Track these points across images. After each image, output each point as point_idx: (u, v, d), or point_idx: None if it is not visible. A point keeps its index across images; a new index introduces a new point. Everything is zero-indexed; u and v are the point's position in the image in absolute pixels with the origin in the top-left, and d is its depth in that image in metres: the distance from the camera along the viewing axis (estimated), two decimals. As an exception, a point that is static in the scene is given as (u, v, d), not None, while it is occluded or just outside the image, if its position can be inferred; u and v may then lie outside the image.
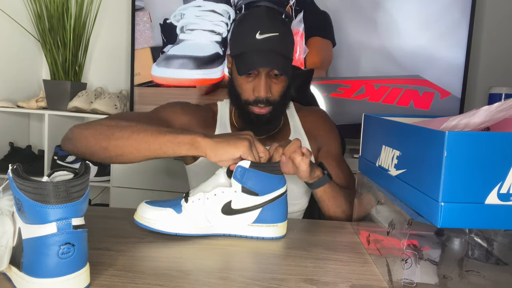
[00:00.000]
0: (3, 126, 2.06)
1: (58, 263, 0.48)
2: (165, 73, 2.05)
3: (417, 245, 0.59)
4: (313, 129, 1.11)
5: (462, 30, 1.87)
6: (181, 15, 2.03)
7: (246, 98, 0.98)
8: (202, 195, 0.72)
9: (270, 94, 0.96)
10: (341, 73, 1.96)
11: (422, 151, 0.53)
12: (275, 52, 0.93)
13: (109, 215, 0.84)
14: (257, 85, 0.95)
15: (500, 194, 0.48)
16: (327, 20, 1.94)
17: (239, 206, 0.72)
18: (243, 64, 0.95)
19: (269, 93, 0.96)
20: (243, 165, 0.71)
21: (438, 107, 1.90)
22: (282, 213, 0.75)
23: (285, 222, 0.76)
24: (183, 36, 2.04)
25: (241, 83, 0.98)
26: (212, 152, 0.72)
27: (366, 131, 0.79)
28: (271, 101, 0.97)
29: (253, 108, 0.98)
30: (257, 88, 0.95)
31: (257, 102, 0.96)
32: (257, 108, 0.97)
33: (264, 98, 0.95)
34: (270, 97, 0.96)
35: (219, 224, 0.73)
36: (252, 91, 0.96)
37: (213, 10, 2.00)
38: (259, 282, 0.57)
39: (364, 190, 0.77)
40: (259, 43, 0.92)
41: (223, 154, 0.72)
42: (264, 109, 0.97)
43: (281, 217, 0.75)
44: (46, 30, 1.99)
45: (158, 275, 0.57)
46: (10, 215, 0.51)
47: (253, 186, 0.71)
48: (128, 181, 1.91)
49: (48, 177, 0.50)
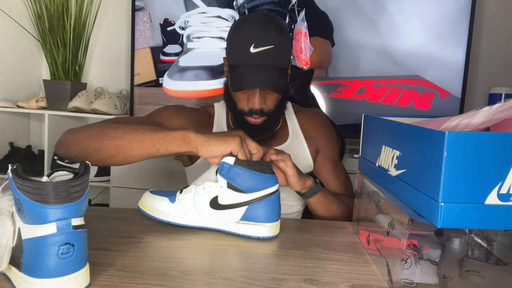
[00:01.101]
0: (3, 126, 2.06)
1: (58, 263, 0.48)
2: (180, 86, 2.03)
3: (417, 245, 0.59)
4: (311, 131, 1.11)
5: (462, 30, 1.87)
6: (185, 23, 2.02)
7: (241, 108, 0.99)
8: (194, 188, 0.75)
9: (265, 106, 0.97)
10: (341, 73, 1.96)
11: (422, 151, 0.53)
12: (269, 66, 0.92)
13: (109, 215, 0.84)
14: (251, 98, 0.96)
15: (500, 194, 0.48)
16: (326, 20, 1.94)
17: (225, 202, 0.73)
18: (236, 80, 0.95)
19: (264, 105, 0.97)
20: (228, 162, 0.71)
21: (438, 107, 1.90)
22: (272, 212, 0.74)
23: (277, 222, 0.75)
24: (191, 45, 2.03)
25: (236, 94, 0.99)
26: (203, 148, 0.73)
27: (366, 131, 0.79)
28: (265, 112, 0.98)
29: (248, 118, 0.99)
30: (251, 101, 0.96)
31: (252, 113, 0.97)
32: (252, 119, 0.99)
33: (259, 110, 0.97)
34: (265, 108, 0.98)
35: (208, 218, 0.75)
36: (247, 103, 0.97)
37: (218, 16, 1.99)
38: (259, 282, 0.57)
39: (364, 190, 0.77)
40: (253, 57, 0.91)
41: (213, 150, 0.73)
42: (259, 120, 0.99)
43: (271, 217, 0.74)
44: (46, 30, 1.99)
45: (158, 275, 0.57)
46: (10, 215, 0.51)
47: (239, 183, 0.72)
48: (128, 181, 1.91)
49: (48, 177, 0.50)
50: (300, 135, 1.10)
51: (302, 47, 1.94)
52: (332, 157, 1.10)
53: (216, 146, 0.72)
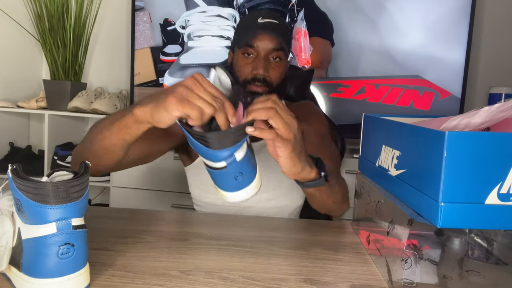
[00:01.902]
0: (3, 126, 2.06)
1: (57, 263, 0.48)
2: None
3: (417, 245, 0.59)
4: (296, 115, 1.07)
5: (462, 30, 1.87)
6: (185, 22, 2.02)
7: (244, 77, 1.00)
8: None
9: (268, 75, 0.99)
10: (341, 73, 1.96)
11: (422, 151, 0.53)
12: (276, 34, 0.97)
13: (109, 215, 0.84)
14: (256, 63, 0.98)
15: (500, 194, 0.48)
16: (326, 20, 1.94)
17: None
18: (245, 38, 0.99)
19: (267, 73, 0.98)
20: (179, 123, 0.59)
21: (438, 107, 1.90)
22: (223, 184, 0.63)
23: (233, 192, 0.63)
24: (191, 43, 2.04)
25: (241, 65, 1.00)
26: (153, 120, 0.60)
27: (366, 131, 0.79)
28: (268, 82, 0.99)
29: (250, 86, 0.99)
30: (256, 66, 0.98)
31: (255, 79, 0.98)
32: (254, 87, 0.99)
33: (262, 77, 0.98)
34: (268, 77, 0.99)
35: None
36: (251, 71, 0.99)
37: (219, 15, 2.00)
38: (259, 282, 0.57)
39: (364, 190, 0.77)
40: (261, 25, 0.97)
41: (161, 120, 0.59)
42: (261, 88, 0.99)
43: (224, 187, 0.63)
44: (46, 30, 1.99)
45: (158, 275, 0.57)
46: (10, 215, 0.51)
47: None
48: (128, 181, 1.91)
49: (48, 177, 0.50)
50: None
51: (301, 47, 1.94)
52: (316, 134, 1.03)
53: (159, 115, 0.58)
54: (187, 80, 0.59)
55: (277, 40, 0.97)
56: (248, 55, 0.99)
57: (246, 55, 1.00)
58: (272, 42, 0.97)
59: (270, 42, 0.97)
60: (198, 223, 0.85)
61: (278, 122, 0.61)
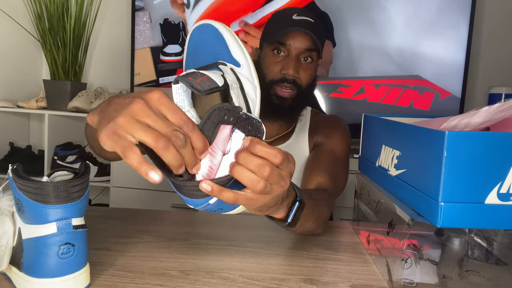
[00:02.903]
0: (3, 126, 2.06)
1: (58, 263, 0.48)
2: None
3: (417, 245, 0.59)
4: (317, 126, 1.05)
5: (462, 30, 1.87)
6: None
7: (271, 78, 0.95)
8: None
9: (298, 76, 0.94)
10: (341, 73, 1.96)
11: (422, 151, 0.53)
12: (311, 33, 0.92)
13: (109, 215, 0.84)
14: (286, 63, 0.93)
15: (500, 194, 0.48)
16: (327, 21, 1.94)
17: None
18: (277, 34, 0.93)
19: (297, 74, 0.93)
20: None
21: (438, 107, 1.90)
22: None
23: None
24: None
25: (269, 63, 0.95)
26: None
27: (366, 131, 0.79)
28: (297, 84, 0.94)
29: (277, 88, 0.94)
30: (286, 66, 0.93)
31: (283, 80, 0.93)
32: (281, 89, 0.94)
33: (292, 78, 0.93)
34: (298, 79, 0.94)
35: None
36: (280, 71, 0.94)
37: None
38: (259, 282, 0.57)
39: (364, 190, 0.77)
40: (296, 22, 0.91)
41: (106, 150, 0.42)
42: (288, 92, 0.94)
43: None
44: (46, 30, 1.99)
45: (158, 275, 0.57)
46: (10, 215, 0.51)
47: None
48: (128, 181, 1.91)
49: (48, 177, 0.50)
50: (305, 131, 1.05)
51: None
52: (331, 151, 0.98)
53: (102, 143, 0.42)
54: (136, 103, 0.41)
55: (312, 39, 0.92)
56: (278, 53, 0.94)
57: (276, 53, 0.94)
58: (306, 41, 0.92)
59: (304, 41, 0.92)
60: (198, 223, 0.85)
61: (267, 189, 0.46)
